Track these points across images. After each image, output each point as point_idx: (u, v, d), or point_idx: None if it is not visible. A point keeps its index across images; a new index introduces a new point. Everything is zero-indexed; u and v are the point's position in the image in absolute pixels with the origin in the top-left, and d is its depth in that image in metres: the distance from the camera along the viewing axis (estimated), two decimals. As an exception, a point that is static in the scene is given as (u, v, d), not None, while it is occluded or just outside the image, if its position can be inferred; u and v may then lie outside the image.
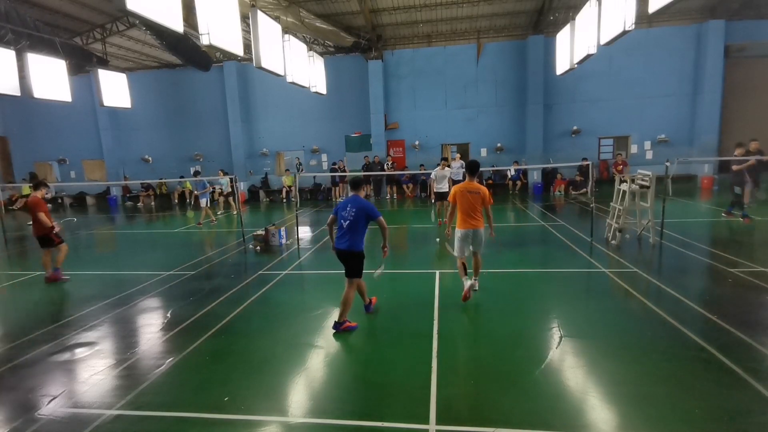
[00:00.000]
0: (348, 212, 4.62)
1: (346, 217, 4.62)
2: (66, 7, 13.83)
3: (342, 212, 4.67)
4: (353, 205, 4.66)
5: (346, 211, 4.64)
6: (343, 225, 4.64)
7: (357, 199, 4.73)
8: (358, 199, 4.72)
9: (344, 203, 4.74)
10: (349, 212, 4.62)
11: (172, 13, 7.06)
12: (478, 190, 5.32)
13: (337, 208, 4.77)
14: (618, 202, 8.11)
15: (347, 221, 4.61)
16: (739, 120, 16.16)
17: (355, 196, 4.79)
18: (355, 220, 4.59)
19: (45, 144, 20.94)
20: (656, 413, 3.04)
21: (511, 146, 17.89)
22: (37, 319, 5.51)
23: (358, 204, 4.66)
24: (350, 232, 4.59)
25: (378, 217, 4.67)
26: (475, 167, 5.47)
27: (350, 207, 4.65)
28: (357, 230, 4.61)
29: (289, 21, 13.65)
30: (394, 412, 3.20)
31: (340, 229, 4.67)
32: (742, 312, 4.73)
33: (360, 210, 4.62)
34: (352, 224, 4.60)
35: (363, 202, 4.70)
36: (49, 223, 6.88)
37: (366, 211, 4.64)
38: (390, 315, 5.22)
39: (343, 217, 4.65)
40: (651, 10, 7.14)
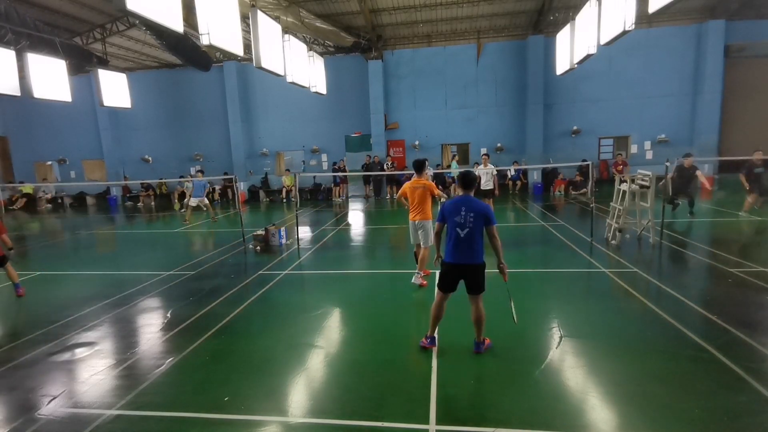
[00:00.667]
0: (464, 217, 3.80)
1: (464, 223, 3.80)
2: (66, 7, 13.83)
3: (455, 217, 3.83)
4: (469, 207, 3.82)
5: (460, 216, 3.81)
6: (459, 234, 3.81)
7: (470, 199, 3.90)
8: (473, 200, 3.90)
9: (454, 205, 3.88)
10: (466, 217, 3.80)
11: (172, 13, 7.06)
12: (424, 185, 5.92)
13: (445, 212, 3.93)
14: (618, 202, 8.11)
15: (465, 229, 3.80)
16: (739, 120, 16.15)
17: (466, 196, 3.94)
18: (475, 226, 3.79)
19: (45, 144, 20.94)
20: (656, 413, 3.04)
21: (511, 146, 17.89)
22: (37, 319, 5.51)
23: (475, 206, 3.84)
24: (468, 242, 3.81)
25: (495, 224, 3.86)
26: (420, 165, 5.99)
27: (465, 210, 3.81)
28: (476, 239, 3.82)
29: (289, 21, 13.66)
30: (394, 412, 3.20)
31: (454, 239, 3.85)
32: (742, 312, 4.73)
33: (479, 214, 3.79)
34: (471, 232, 3.81)
35: (480, 204, 3.89)
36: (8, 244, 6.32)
37: (486, 215, 3.81)
38: (390, 315, 5.22)
39: (457, 223, 3.82)
40: (651, 10, 7.14)
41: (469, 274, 3.86)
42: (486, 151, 17.84)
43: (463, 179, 4.00)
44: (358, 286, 6.62)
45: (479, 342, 4.04)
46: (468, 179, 3.98)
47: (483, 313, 3.95)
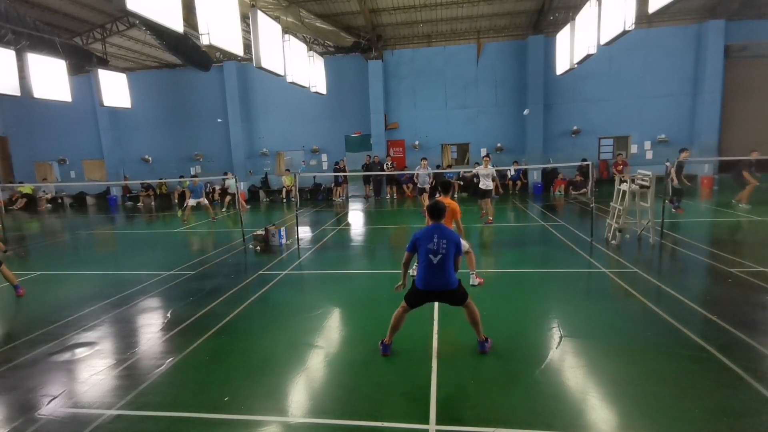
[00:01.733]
0: (436, 244, 3.80)
1: (436, 250, 3.79)
2: (66, 7, 13.83)
3: (427, 244, 3.82)
4: (441, 235, 3.84)
5: (433, 243, 3.80)
6: (432, 261, 3.80)
7: (442, 228, 3.91)
8: (444, 229, 3.92)
9: (427, 234, 3.88)
10: (439, 244, 3.80)
11: (172, 13, 7.06)
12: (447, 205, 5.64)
13: (417, 239, 3.93)
14: (618, 202, 8.11)
15: (438, 256, 3.79)
16: (739, 120, 16.16)
17: (437, 225, 3.96)
18: (447, 254, 3.81)
19: (45, 144, 20.94)
20: (656, 413, 3.04)
21: (511, 146, 17.89)
22: (37, 319, 5.51)
23: (447, 235, 3.87)
24: (441, 268, 3.81)
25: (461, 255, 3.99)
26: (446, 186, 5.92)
27: (438, 238, 3.82)
28: (448, 265, 3.84)
29: (289, 21, 13.66)
30: (394, 412, 3.20)
31: (426, 265, 3.84)
32: (742, 312, 4.73)
33: (451, 243, 3.84)
34: (443, 260, 3.80)
35: (451, 233, 3.93)
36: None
37: (457, 244, 3.88)
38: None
39: (430, 250, 3.81)
40: (651, 10, 7.14)
41: (447, 297, 3.94)
42: (487, 151, 17.88)
43: (431, 210, 4.04)
44: (358, 286, 6.62)
45: (482, 341, 4.05)
46: (436, 209, 4.01)
47: (476, 311, 4.01)
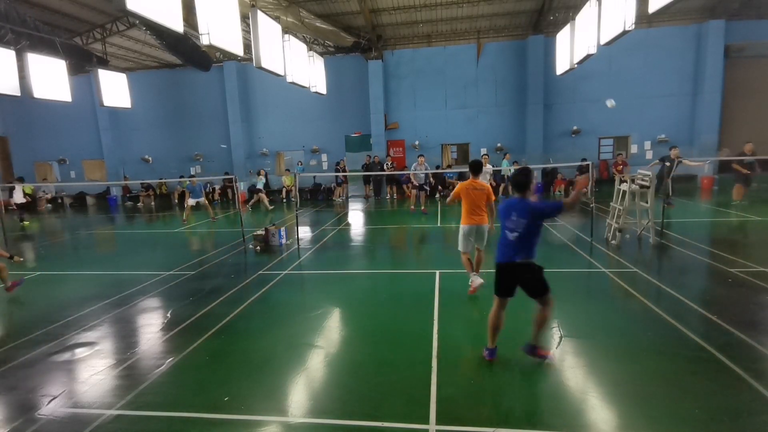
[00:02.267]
0: (514, 221, 3.63)
1: (512, 228, 3.65)
2: (66, 7, 13.83)
3: (505, 221, 3.71)
4: (520, 213, 3.62)
5: (510, 221, 3.66)
6: (508, 237, 3.68)
7: (523, 203, 3.66)
8: (525, 203, 3.65)
9: (507, 209, 3.72)
10: (517, 221, 3.62)
11: (172, 13, 7.06)
12: (482, 187, 5.57)
13: (500, 210, 3.81)
14: (618, 202, 8.11)
15: (514, 233, 3.64)
16: (739, 120, 16.15)
17: (519, 198, 3.71)
18: (527, 229, 3.60)
19: (45, 144, 20.94)
20: (656, 413, 3.04)
21: (511, 146, 17.87)
22: (37, 319, 5.51)
23: (526, 208, 3.61)
24: (519, 243, 3.64)
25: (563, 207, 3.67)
26: (478, 166, 5.71)
27: (516, 216, 3.64)
28: (528, 239, 3.64)
29: (289, 21, 13.66)
30: (394, 412, 3.20)
31: (503, 239, 3.72)
32: (742, 312, 4.73)
33: (531, 214, 3.58)
34: (522, 235, 3.62)
35: (532, 206, 3.62)
36: None
37: (534, 211, 3.59)
38: (390, 315, 5.22)
39: (507, 227, 3.69)
40: (651, 10, 7.14)
41: (524, 276, 3.67)
42: (486, 151, 17.88)
43: (515, 182, 3.79)
44: (358, 286, 6.62)
45: (532, 345, 3.81)
46: (519, 181, 3.73)
47: (548, 318, 3.75)
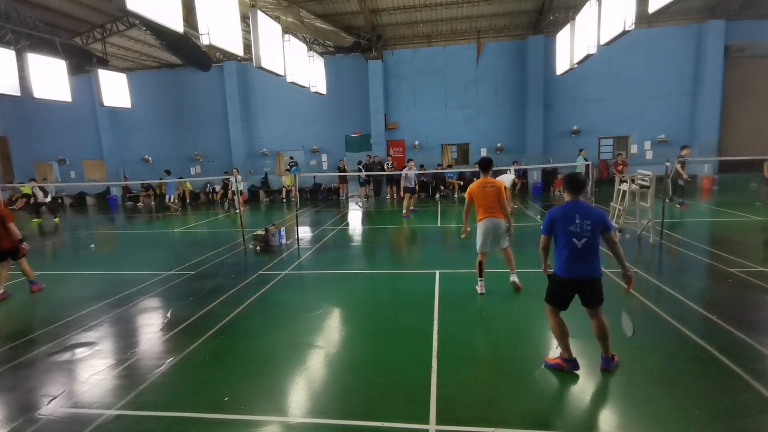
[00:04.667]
0: (579, 226, 3.33)
1: (580, 233, 3.33)
2: (66, 7, 13.84)
3: (569, 227, 3.35)
4: (584, 215, 3.34)
5: (575, 225, 3.33)
6: (576, 245, 3.34)
7: (582, 205, 3.40)
8: (586, 206, 3.40)
9: (566, 213, 3.40)
10: (583, 226, 3.33)
11: (172, 13, 7.06)
12: (494, 185, 5.54)
13: (554, 220, 3.45)
14: (618, 202, 8.11)
15: (583, 239, 3.32)
16: (739, 120, 16.16)
17: (576, 201, 3.45)
18: (593, 236, 3.32)
19: (45, 144, 20.95)
20: (656, 413, 3.04)
21: (511, 146, 17.89)
22: (37, 319, 5.51)
23: (591, 213, 3.36)
24: (587, 253, 3.35)
25: (613, 230, 3.38)
26: (487, 164, 5.65)
27: (580, 218, 3.33)
28: (595, 249, 3.38)
29: (289, 21, 13.66)
30: (394, 412, 3.20)
31: (570, 250, 3.38)
32: (742, 312, 4.73)
33: (597, 222, 3.33)
34: (589, 243, 3.33)
35: (596, 210, 3.41)
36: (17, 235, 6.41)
37: (603, 221, 3.35)
38: (390, 315, 5.22)
39: (572, 233, 3.34)
40: (651, 10, 7.14)
41: (588, 289, 3.45)
42: (486, 152, 17.91)
43: (570, 182, 3.47)
44: (358, 286, 6.62)
45: (607, 358, 3.58)
46: (576, 182, 3.45)
47: (607, 325, 3.52)
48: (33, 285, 6.59)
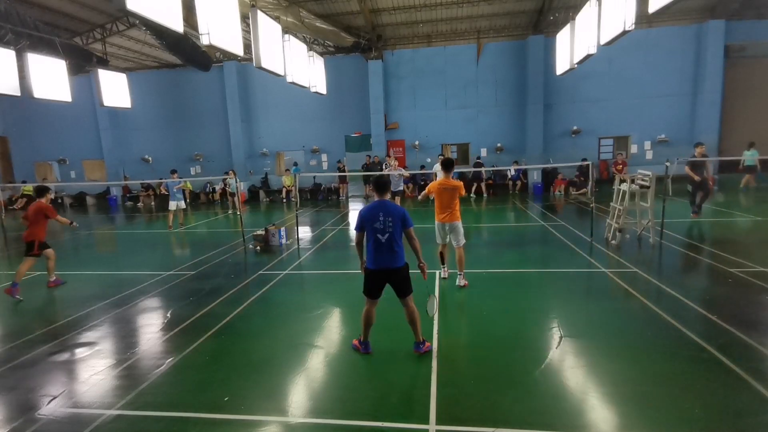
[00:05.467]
0: (383, 222, 3.81)
1: (383, 229, 3.81)
2: (66, 7, 13.84)
3: (374, 224, 3.83)
4: (386, 212, 3.83)
5: (379, 222, 3.81)
6: (380, 240, 3.81)
7: (387, 204, 3.90)
8: (389, 205, 3.89)
9: (371, 212, 3.87)
10: (385, 222, 3.80)
11: (172, 13, 7.07)
12: (453, 186, 5.74)
13: (363, 220, 3.92)
14: (618, 202, 8.11)
15: (386, 234, 3.81)
16: (739, 120, 16.17)
17: (381, 200, 3.94)
18: (394, 231, 3.82)
19: (45, 144, 20.95)
20: (656, 413, 3.04)
21: (511, 146, 17.89)
22: (37, 319, 5.51)
23: (392, 210, 3.85)
24: (389, 245, 3.83)
25: (411, 227, 3.89)
26: (449, 165, 5.85)
27: (383, 216, 3.82)
28: (397, 242, 3.85)
29: (289, 21, 13.66)
30: (394, 412, 3.20)
31: (375, 244, 3.85)
32: (742, 312, 4.73)
33: (396, 218, 3.82)
34: (391, 237, 3.81)
35: (396, 207, 3.91)
36: (67, 222, 6.92)
37: (403, 217, 3.85)
38: (390, 315, 5.22)
39: (377, 229, 3.82)
40: (651, 10, 7.15)
41: (394, 278, 3.91)
42: (486, 152, 17.93)
43: (375, 183, 4.01)
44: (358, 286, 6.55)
45: (418, 342, 4.05)
46: (380, 183, 3.99)
47: (416, 312, 4.00)
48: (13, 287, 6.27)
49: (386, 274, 3.90)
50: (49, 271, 6.88)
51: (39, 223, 6.62)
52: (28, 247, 6.61)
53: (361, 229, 3.96)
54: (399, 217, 3.83)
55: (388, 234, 3.80)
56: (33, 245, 6.58)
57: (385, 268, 3.87)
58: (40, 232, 6.64)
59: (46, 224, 6.74)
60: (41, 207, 6.60)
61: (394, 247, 3.83)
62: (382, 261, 3.85)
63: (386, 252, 3.83)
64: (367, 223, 3.87)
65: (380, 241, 3.82)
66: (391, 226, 3.80)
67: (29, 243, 6.60)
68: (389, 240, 3.81)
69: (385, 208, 3.85)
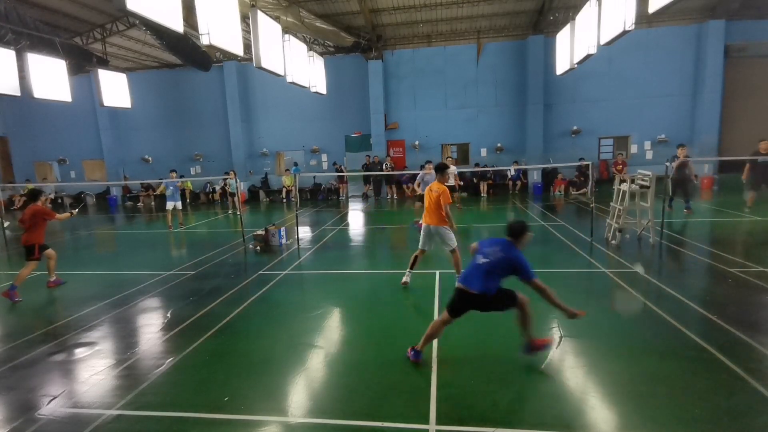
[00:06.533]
0: (493, 252, 3.66)
1: (487, 254, 3.68)
2: (66, 7, 13.84)
3: (486, 248, 3.74)
4: (502, 249, 3.65)
5: (491, 250, 3.69)
6: (478, 260, 3.71)
7: (508, 246, 3.67)
8: (509, 248, 3.66)
9: (494, 240, 3.79)
10: (495, 253, 3.65)
11: (172, 13, 7.06)
12: (437, 190, 5.69)
13: (483, 243, 3.86)
14: (618, 202, 8.11)
15: (486, 259, 3.66)
16: (739, 120, 16.16)
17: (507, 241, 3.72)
18: (494, 266, 3.61)
19: (45, 144, 20.95)
20: (656, 413, 3.04)
21: (511, 146, 17.89)
22: (37, 319, 5.51)
23: (507, 253, 3.62)
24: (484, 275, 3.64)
25: (533, 279, 3.59)
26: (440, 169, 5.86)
27: (498, 249, 3.67)
28: (492, 276, 3.64)
29: (289, 21, 13.65)
30: (394, 412, 3.20)
31: (475, 265, 3.73)
32: (742, 312, 4.73)
33: (506, 261, 3.60)
34: (489, 267, 3.63)
35: (514, 254, 3.62)
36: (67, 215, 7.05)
37: (512, 266, 3.60)
38: (390, 315, 5.22)
39: (484, 253, 3.71)
40: (651, 10, 7.14)
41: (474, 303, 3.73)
42: (486, 152, 17.92)
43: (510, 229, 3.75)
44: (358, 286, 6.61)
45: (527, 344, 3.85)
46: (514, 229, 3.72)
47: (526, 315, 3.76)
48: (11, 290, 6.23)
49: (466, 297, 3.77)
50: (50, 270, 6.88)
51: (37, 226, 6.60)
52: (28, 251, 6.59)
53: None
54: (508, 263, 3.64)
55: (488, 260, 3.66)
56: (33, 249, 6.56)
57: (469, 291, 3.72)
58: (38, 235, 6.63)
59: (44, 227, 6.73)
60: (38, 210, 6.60)
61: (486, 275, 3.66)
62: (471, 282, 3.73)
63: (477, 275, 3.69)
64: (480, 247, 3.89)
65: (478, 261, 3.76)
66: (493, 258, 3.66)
67: (29, 247, 6.58)
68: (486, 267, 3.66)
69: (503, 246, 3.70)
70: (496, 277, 3.65)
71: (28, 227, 6.56)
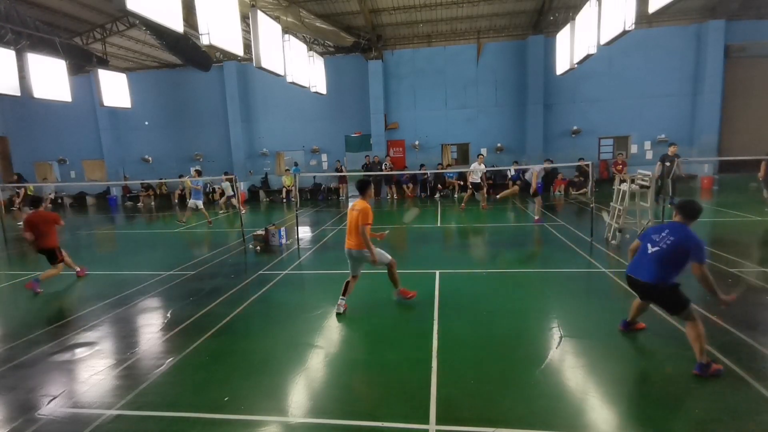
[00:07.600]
0: (662, 238, 3.61)
1: (658, 242, 3.61)
2: (66, 7, 13.83)
3: (653, 236, 3.70)
4: (672, 232, 3.58)
5: (659, 236, 3.64)
6: (648, 249, 3.67)
7: (679, 228, 3.58)
8: (682, 230, 3.56)
9: (660, 227, 3.75)
10: (664, 239, 3.59)
11: (172, 13, 7.06)
12: (358, 209, 4.99)
13: (648, 231, 3.83)
14: (618, 202, 8.11)
15: (656, 247, 3.61)
16: (739, 120, 16.16)
17: (677, 224, 3.66)
18: (668, 252, 3.54)
19: (45, 144, 20.94)
20: (656, 413, 3.04)
21: (511, 146, 17.89)
22: (37, 319, 5.51)
23: (679, 234, 3.53)
24: (656, 263, 3.60)
25: (704, 262, 3.45)
26: (360, 187, 5.16)
27: (667, 233, 3.62)
28: (666, 265, 3.57)
29: (289, 21, 13.65)
30: (394, 412, 3.20)
31: (643, 253, 3.72)
32: (742, 312, 4.73)
33: (680, 244, 3.50)
34: (660, 255, 3.57)
35: (688, 234, 3.52)
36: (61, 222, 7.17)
37: (687, 249, 3.47)
38: (390, 315, 5.22)
39: (652, 241, 3.67)
40: (651, 10, 7.14)
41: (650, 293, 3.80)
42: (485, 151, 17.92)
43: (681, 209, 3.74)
44: (358, 286, 6.58)
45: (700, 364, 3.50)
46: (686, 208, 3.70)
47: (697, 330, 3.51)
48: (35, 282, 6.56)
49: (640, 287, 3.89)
50: (45, 276, 6.78)
51: (51, 231, 6.85)
52: (50, 256, 6.85)
53: None
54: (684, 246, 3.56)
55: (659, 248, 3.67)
56: (54, 253, 6.85)
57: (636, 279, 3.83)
58: (54, 239, 6.91)
59: (56, 230, 7.00)
60: (50, 217, 6.90)
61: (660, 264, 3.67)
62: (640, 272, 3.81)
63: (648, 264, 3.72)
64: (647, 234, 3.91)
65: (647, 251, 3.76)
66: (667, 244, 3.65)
67: (50, 251, 6.84)
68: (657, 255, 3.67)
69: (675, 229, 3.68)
70: (670, 265, 3.55)
71: (43, 233, 6.77)
